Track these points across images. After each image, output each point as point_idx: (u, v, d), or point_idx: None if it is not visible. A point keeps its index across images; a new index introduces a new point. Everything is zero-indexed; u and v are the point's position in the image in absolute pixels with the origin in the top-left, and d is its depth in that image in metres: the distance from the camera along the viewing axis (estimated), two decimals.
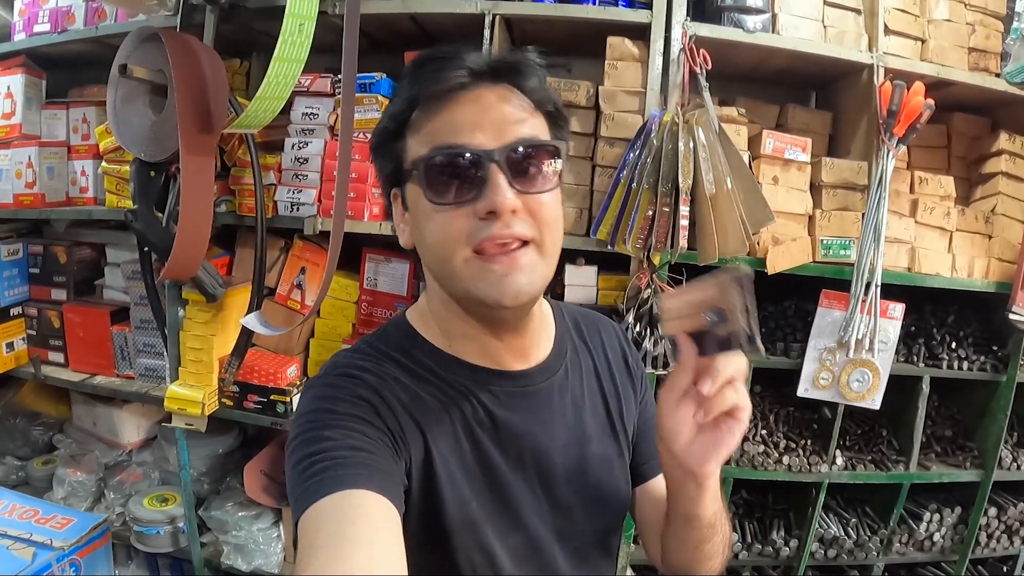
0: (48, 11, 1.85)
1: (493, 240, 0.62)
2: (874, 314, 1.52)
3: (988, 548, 1.82)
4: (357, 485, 0.57)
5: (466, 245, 0.63)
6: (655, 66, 1.45)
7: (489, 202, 0.61)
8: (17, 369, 1.92)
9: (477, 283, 0.63)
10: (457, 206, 0.62)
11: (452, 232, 0.63)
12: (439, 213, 0.63)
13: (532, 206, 0.64)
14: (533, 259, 0.64)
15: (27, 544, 1.22)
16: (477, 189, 0.62)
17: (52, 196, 1.87)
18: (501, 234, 0.62)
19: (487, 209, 0.61)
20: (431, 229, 0.64)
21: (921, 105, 1.46)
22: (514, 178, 0.62)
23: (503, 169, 0.62)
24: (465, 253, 0.63)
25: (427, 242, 0.66)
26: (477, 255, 0.63)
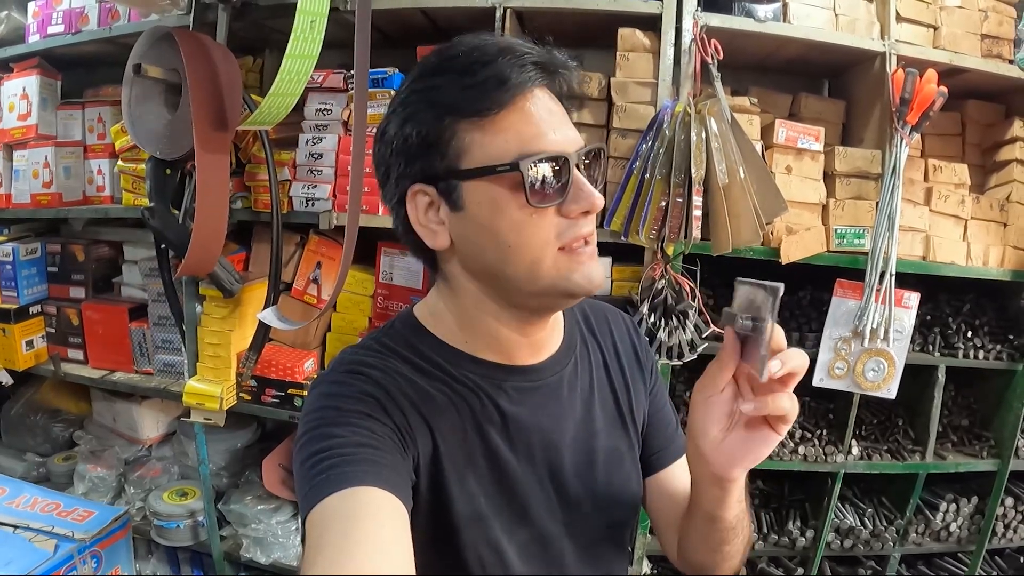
0: (62, 12, 1.87)
1: (582, 238, 0.65)
2: (889, 303, 1.51)
3: (1005, 538, 1.82)
4: (364, 482, 0.57)
5: (555, 243, 0.64)
6: (666, 57, 1.45)
7: (587, 202, 0.64)
8: (37, 367, 1.95)
9: (571, 276, 0.65)
10: (548, 207, 0.64)
11: (544, 232, 0.64)
12: (532, 215, 0.63)
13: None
14: (596, 252, 0.68)
15: (49, 536, 1.24)
16: (563, 191, 0.63)
17: (69, 195, 1.90)
18: (588, 232, 0.66)
19: (583, 209, 0.64)
20: (518, 230, 0.63)
21: (934, 92, 1.45)
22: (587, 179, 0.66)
23: (582, 171, 0.65)
24: (553, 251, 0.64)
25: (507, 242, 0.64)
26: (562, 251, 0.65)
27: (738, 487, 0.67)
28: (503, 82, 0.62)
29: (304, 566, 0.53)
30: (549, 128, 0.63)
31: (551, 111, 0.65)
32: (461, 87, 0.63)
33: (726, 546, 0.74)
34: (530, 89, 0.63)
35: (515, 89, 0.62)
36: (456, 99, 0.63)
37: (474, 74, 0.62)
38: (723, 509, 0.68)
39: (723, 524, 0.70)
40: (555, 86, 0.67)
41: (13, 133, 1.92)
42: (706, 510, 0.70)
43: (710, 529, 0.72)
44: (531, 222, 0.63)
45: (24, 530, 1.22)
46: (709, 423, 0.62)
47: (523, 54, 0.63)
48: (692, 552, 0.79)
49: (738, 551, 0.76)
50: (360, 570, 0.50)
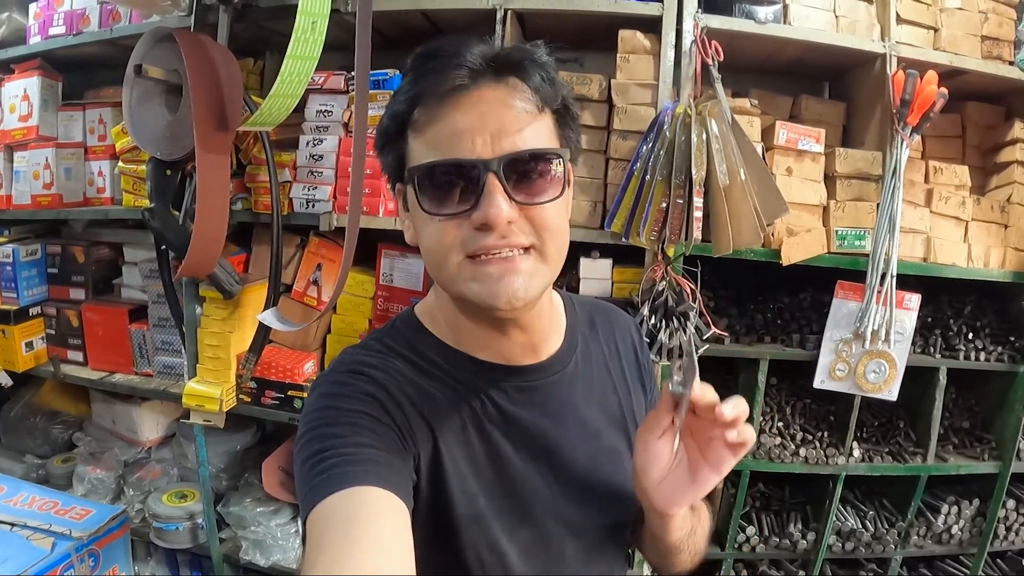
0: (63, 14, 1.87)
1: (488, 251, 0.61)
2: (890, 305, 1.51)
3: (1007, 541, 1.81)
4: (365, 482, 0.57)
5: (460, 251, 0.62)
6: (667, 58, 1.45)
7: (483, 214, 0.60)
8: (37, 368, 1.95)
9: (470, 285, 0.63)
10: (451, 217, 0.62)
11: (446, 240, 0.62)
12: (432, 221, 0.63)
13: (532, 215, 0.63)
14: (533, 265, 0.63)
15: (46, 534, 1.24)
16: (474, 199, 0.60)
17: (69, 197, 1.90)
18: (496, 244, 0.61)
19: (480, 221, 0.60)
20: (427, 234, 0.65)
21: (934, 94, 1.45)
22: (514, 188, 0.61)
23: (501, 180, 0.60)
24: (459, 258, 0.63)
25: (423, 245, 0.67)
26: (468, 259, 0.62)
27: (677, 519, 0.71)
28: (434, 85, 0.61)
29: (305, 566, 0.53)
30: (467, 132, 0.60)
31: (483, 115, 0.61)
32: (407, 92, 0.64)
33: (672, 557, 0.80)
34: (464, 94, 0.61)
35: (445, 92, 0.61)
36: (402, 103, 0.64)
37: (419, 79, 0.63)
38: (665, 534, 0.73)
39: (666, 544, 0.75)
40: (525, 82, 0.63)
41: (14, 134, 1.92)
42: (652, 533, 0.75)
43: (656, 544, 0.77)
44: (433, 227, 0.63)
45: (21, 528, 1.22)
46: (649, 465, 0.64)
47: (460, 56, 0.61)
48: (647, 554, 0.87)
49: (684, 562, 0.81)
50: (361, 570, 0.50)
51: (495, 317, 0.67)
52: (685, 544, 0.77)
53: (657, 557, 0.82)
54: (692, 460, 0.63)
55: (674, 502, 0.65)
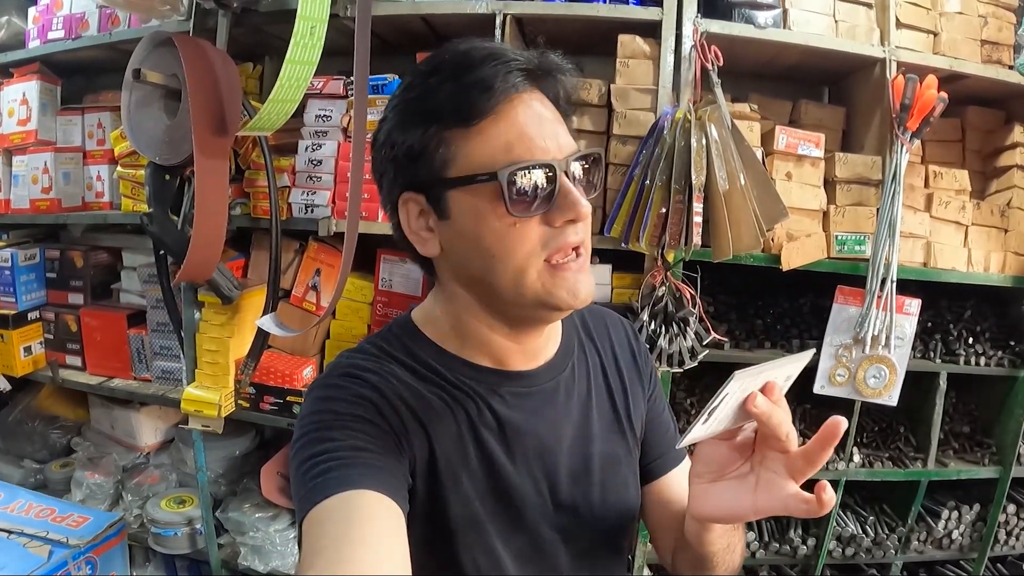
0: (62, 18, 1.87)
1: (568, 247, 0.64)
2: (890, 310, 1.51)
3: (1007, 546, 1.81)
4: (360, 485, 0.57)
5: (541, 254, 0.64)
6: (667, 63, 1.45)
7: (572, 211, 0.63)
8: (35, 373, 1.94)
9: (556, 291, 0.64)
10: (531, 217, 0.63)
11: (528, 243, 0.63)
12: (514, 224, 0.62)
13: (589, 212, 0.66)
14: (587, 263, 0.67)
15: (43, 542, 1.23)
16: (548, 199, 0.62)
17: (68, 201, 1.89)
18: (575, 240, 0.64)
19: (567, 218, 0.63)
20: (501, 240, 0.63)
21: (934, 99, 1.45)
22: (576, 186, 0.64)
23: (571, 178, 0.63)
24: (538, 263, 0.64)
25: (491, 252, 0.63)
26: (548, 264, 0.64)
27: (713, 529, 0.69)
28: (487, 89, 0.61)
29: (300, 568, 0.53)
30: (536, 135, 0.62)
31: (540, 117, 0.63)
32: (447, 94, 0.62)
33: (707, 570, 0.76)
34: (516, 95, 0.63)
35: (499, 96, 0.61)
36: (441, 107, 0.63)
37: (459, 81, 0.62)
38: (698, 544, 0.71)
39: (699, 555, 0.73)
40: (549, 91, 0.66)
41: (12, 138, 1.92)
42: (686, 537, 0.73)
43: (692, 553, 0.75)
44: (514, 232, 0.62)
45: (18, 535, 1.21)
46: (698, 459, 0.64)
47: (509, 59, 0.62)
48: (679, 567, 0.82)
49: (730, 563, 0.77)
50: (357, 572, 0.50)
51: (549, 318, 0.71)
52: (720, 560, 0.75)
53: (690, 567, 0.79)
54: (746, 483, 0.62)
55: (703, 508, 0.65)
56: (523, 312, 0.68)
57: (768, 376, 0.58)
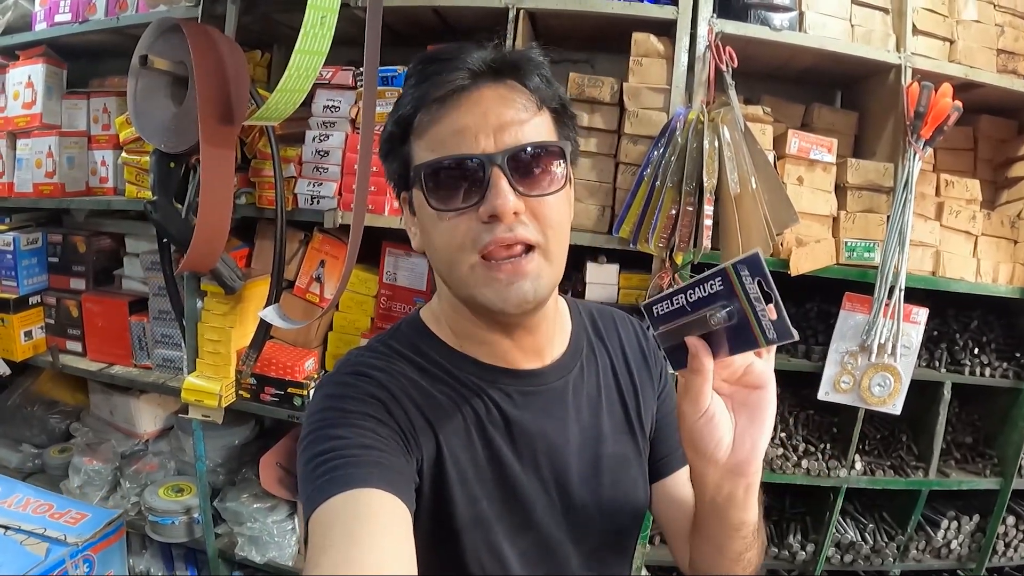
0: (69, 1, 1.85)
1: (497, 243, 0.61)
2: (897, 318, 1.50)
3: (1005, 557, 1.81)
4: (367, 484, 0.57)
5: (472, 250, 0.63)
6: (680, 63, 1.44)
7: (490, 205, 0.61)
8: (35, 357, 1.94)
9: (482, 289, 0.63)
10: (460, 212, 0.62)
11: (457, 238, 0.63)
12: (443, 220, 0.63)
13: (536, 208, 0.63)
14: (539, 265, 0.64)
15: (41, 539, 1.21)
16: (480, 194, 0.62)
17: (72, 186, 1.88)
18: (504, 237, 0.61)
19: (488, 212, 0.61)
20: (437, 235, 0.65)
21: (949, 107, 1.43)
22: (517, 181, 0.62)
23: (505, 172, 0.61)
24: (471, 259, 0.63)
25: (434, 247, 0.66)
26: (484, 260, 0.63)
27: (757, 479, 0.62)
28: (435, 88, 0.63)
29: (308, 566, 0.53)
30: (470, 129, 0.62)
31: (485, 112, 0.63)
32: (410, 97, 0.65)
33: (747, 553, 0.69)
34: (465, 94, 0.63)
35: (446, 95, 0.63)
36: (405, 109, 0.66)
37: (420, 84, 0.64)
38: (748, 511, 0.63)
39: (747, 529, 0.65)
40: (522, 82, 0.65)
41: (17, 121, 1.90)
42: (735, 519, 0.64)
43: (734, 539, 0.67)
44: (442, 226, 0.64)
45: (15, 532, 1.19)
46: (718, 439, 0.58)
47: (460, 59, 0.63)
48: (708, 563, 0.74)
49: (756, 559, 0.72)
50: (363, 570, 0.50)
51: (505, 320, 0.68)
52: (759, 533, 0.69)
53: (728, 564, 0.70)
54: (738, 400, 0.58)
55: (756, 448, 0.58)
56: (475, 309, 0.68)
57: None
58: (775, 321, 0.51)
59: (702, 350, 0.55)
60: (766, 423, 0.58)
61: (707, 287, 0.55)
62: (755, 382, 0.58)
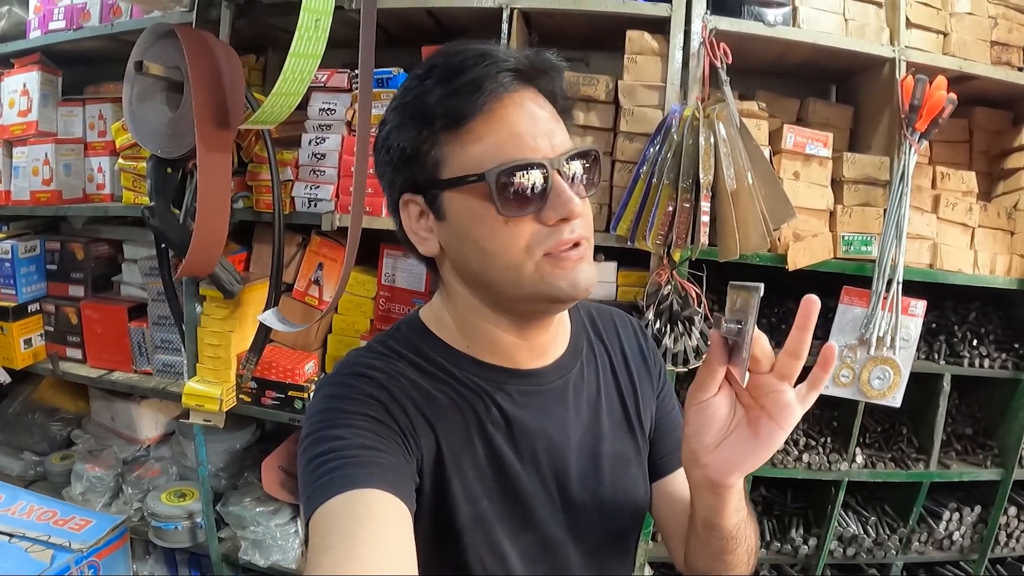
0: (63, 8, 1.85)
1: (562, 245, 0.63)
2: (895, 311, 1.50)
3: (1007, 547, 1.81)
4: (367, 484, 0.57)
5: (537, 251, 0.63)
6: (675, 60, 1.44)
7: (564, 210, 0.62)
8: (35, 365, 1.94)
9: (553, 280, 0.64)
10: (526, 216, 0.63)
11: (522, 241, 0.63)
12: (507, 223, 0.63)
13: (582, 211, 0.66)
14: (589, 254, 0.67)
15: (46, 546, 1.21)
16: (542, 197, 0.62)
17: (69, 193, 1.88)
18: (570, 239, 0.63)
19: (560, 216, 0.63)
20: (496, 238, 0.63)
21: (944, 99, 1.44)
22: (571, 184, 0.64)
23: (564, 177, 0.63)
24: (537, 258, 0.63)
25: (487, 250, 0.64)
26: (547, 257, 0.64)
27: (734, 494, 0.64)
28: (476, 89, 0.62)
29: (308, 567, 0.53)
30: (527, 133, 0.62)
31: (532, 116, 0.63)
32: (438, 97, 0.63)
33: (727, 555, 0.71)
34: (507, 95, 0.63)
35: (488, 96, 0.62)
36: (433, 110, 0.63)
37: (449, 83, 0.63)
38: (720, 517, 0.66)
39: (721, 532, 0.68)
40: (543, 89, 0.66)
41: (13, 129, 1.90)
42: (704, 518, 0.67)
43: (709, 537, 0.69)
44: (506, 230, 0.63)
45: (20, 539, 1.20)
46: (703, 428, 0.60)
47: (499, 59, 0.63)
48: (695, 560, 0.76)
49: (741, 561, 0.73)
50: (363, 571, 0.50)
51: (551, 311, 0.70)
52: (742, 534, 0.70)
53: (709, 559, 0.73)
54: (751, 417, 0.59)
55: (734, 467, 0.60)
56: (525, 307, 0.68)
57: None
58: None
59: (717, 347, 0.58)
60: (752, 461, 0.59)
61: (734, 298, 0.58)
62: (775, 412, 0.58)
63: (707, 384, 0.59)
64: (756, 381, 0.58)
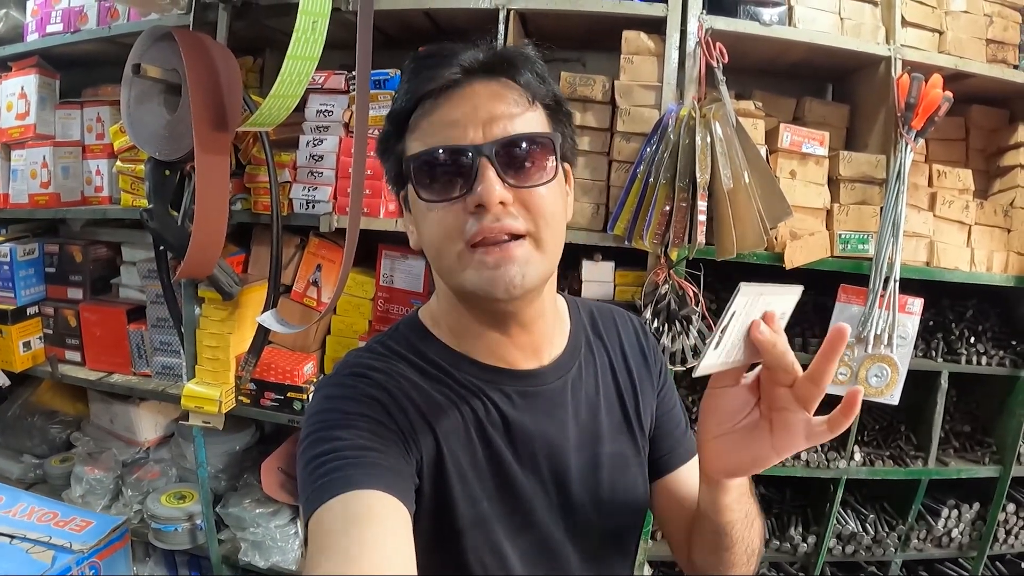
0: (61, 11, 1.85)
1: (483, 233, 0.61)
2: (893, 309, 1.50)
3: (1006, 544, 1.81)
4: (367, 485, 0.57)
5: (459, 239, 0.63)
6: (671, 60, 1.44)
7: (476, 196, 0.61)
8: (34, 368, 1.94)
9: (469, 274, 0.63)
10: (449, 203, 0.63)
11: (445, 228, 0.63)
12: (432, 211, 0.64)
13: (526, 199, 0.63)
14: (528, 252, 0.63)
15: (47, 547, 1.21)
16: (468, 185, 0.62)
17: (67, 196, 1.88)
18: (491, 227, 0.61)
19: (475, 202, 0.61)
20: (427, 226, 0.66)
21: (939, 98, 1.44)
22: (505, 172, 0.62)
23: (493, 163, 0.61)
24: (458, 247, 0.63)
25: (425, 239, 0.67)
26: (470, 248, 0.62)
27: (728, 492, 0.66)
28: (430, 84, 0.64)
29: (307, 568, 0.53)
30: (459, 123, 0.63)
31: (475, 106, 0.63)
32: (403, 94, 0.67)
33: (723, 552, 0.73)
34: (456, 90, 0.64)
35: (442, 92, 0.64)
36: (399, 106, 0.67)
37: (411, 81, 0.66)
38: (713, 509, 0.68)
39: (713, 524, 0.70)
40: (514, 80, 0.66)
41: (11, 132, 1.90)
42: (701, 510, 0.70)
43: (703, 526, 0.71)
44: (431, 216, 0.64)
45: (21, 540, 1.20)
46: (708, 413, 0.62)
47: (451, 56, 0.64)
48: (696, 556, 0.78)
49: (740, 561, 0.74)
50: (362, 572, 0.51)
51: (495, 309, 0.68)
52: (738, 533, 0.71)
53: (707, 552, 0.74)
54: (758, 427, 0.60)
55: (722, 463, 0.62)
56: (469, 303, 0.69)
57: (767, 303, 0.58)
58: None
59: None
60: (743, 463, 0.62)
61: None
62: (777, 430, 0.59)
63: (726, 372, 0.61)
64: (774, 391, 0.59)
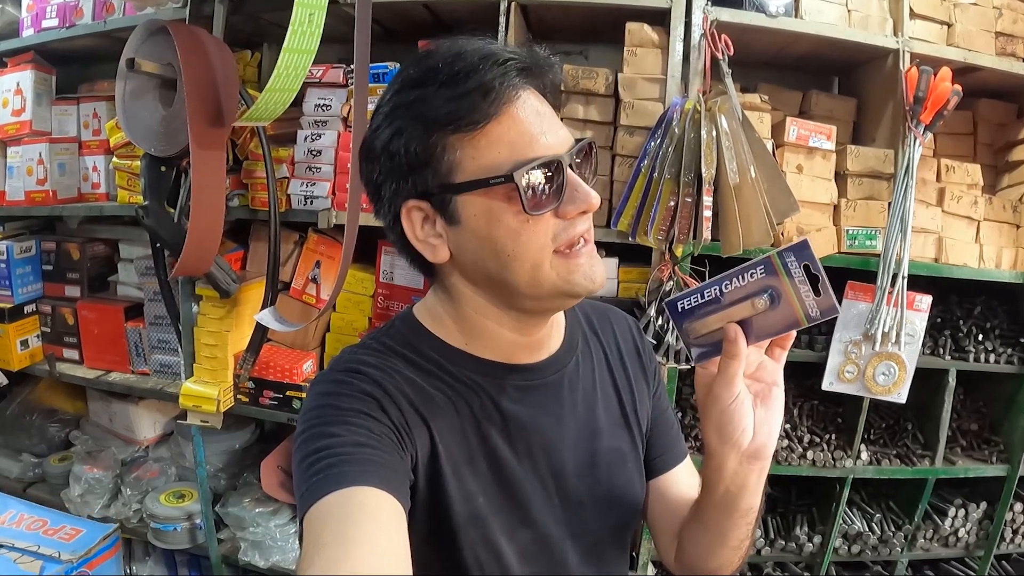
0: (56, 6, 1.84)
1: (578, 236, 0.64)
2: (901, 306, 1.48)
3: (1013, 544, 1.79)
4: (361, 482, 0.57)
5: (551, 247, 0.64)
6: (675, 52, 1.42)
7: (585, 203, 0.63)
8: (32, 366, 1.93)
9: (571, 277, 0.64)
10: (545, 214, 0.63)
11: (541, 237, 0.63)
12: (528, 221, 0.62)
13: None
14: (594, 248, 0.67)
15: (35, 557, 1.19)
16: (559, 193, 0.63)
17: (64, 193, 1.86)
18: (584, 230, 0.65)
19: (580, 210, 0.63)
20: (517, 238, 0.63)
21: (948, 91, 1.41)
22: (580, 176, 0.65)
23: (575, 169, 0.64)
24: (550, 254, 0.64)
25: (507, 251, 0.63)
26: (558, 254, 0.64)
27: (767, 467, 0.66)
28: (488, 92, 0.61)
29: (301, 565, 0.53)
30: (540, 132, 0.63)
31: (539, 113, 0.64)
32: (446, 99, 0.61)
33: (747, 540, 0.73)
34: (516, 95, 0.62)
35: (501, 98, 0.61)
36: (442, 113, 0.61)
37: (457, 85, 0.61)
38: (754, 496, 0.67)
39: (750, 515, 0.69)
40: (540, 85, 0.66)
41: (7, 129, 1.88)
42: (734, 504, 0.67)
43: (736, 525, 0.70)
44: (528, 229, 0.63)
45: (9, 550, 1.17)
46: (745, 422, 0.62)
47: (505, 60, 0.62)
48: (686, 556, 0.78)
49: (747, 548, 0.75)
50: (357, 570, 0.50)
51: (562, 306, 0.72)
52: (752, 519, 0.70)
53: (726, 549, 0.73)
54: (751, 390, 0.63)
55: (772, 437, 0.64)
56: (538, 304, 0.68)
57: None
58: (819, 300, 0.57)
59: (740, 336, 0.60)
60: (779, 413, 0.64)
61: (748, 276, 0.59)
62: (768, 379, 0.64)
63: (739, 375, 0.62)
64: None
